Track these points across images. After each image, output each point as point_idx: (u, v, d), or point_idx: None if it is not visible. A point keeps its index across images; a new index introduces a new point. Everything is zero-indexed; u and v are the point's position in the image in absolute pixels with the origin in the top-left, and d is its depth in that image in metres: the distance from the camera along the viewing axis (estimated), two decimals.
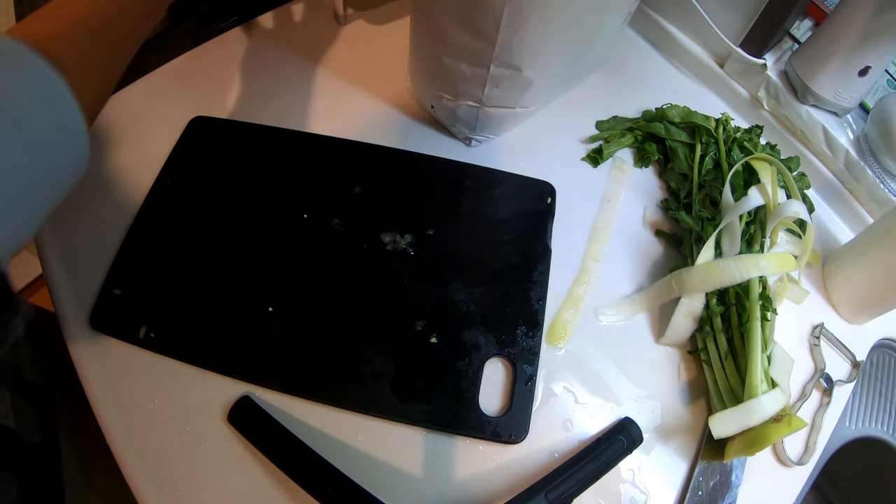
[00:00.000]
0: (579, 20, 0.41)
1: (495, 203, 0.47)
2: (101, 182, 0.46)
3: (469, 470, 0.37)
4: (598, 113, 0.54)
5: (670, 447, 0.40)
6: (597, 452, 0.36)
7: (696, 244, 0.44)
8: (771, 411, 0.35)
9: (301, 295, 0.42)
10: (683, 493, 0.38)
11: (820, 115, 0.50)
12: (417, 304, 0.42)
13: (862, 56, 0.46)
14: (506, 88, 0.44)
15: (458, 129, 0.50)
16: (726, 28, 0.53)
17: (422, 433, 0.38)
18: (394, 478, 0.37)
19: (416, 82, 0.51)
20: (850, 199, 0.51)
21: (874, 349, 0.47)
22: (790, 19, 0.50)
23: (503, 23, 0.38)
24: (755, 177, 0.45)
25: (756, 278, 0.39)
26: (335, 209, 0.45)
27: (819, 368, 0.44)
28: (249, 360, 0.39)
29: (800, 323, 0.45)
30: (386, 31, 0.58)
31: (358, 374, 0.39)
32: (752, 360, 0.37)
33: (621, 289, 0.45)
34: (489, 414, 0.38)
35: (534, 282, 0.43)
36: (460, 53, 0.42)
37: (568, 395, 0.40)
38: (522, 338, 0.41)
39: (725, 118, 0.50)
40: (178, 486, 0.35)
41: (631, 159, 0.52)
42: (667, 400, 0.41)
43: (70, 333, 0.40)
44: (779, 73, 0.52)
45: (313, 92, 0.52)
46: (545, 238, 0.46)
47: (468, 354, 0.40)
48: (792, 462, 0.40)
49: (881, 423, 0.46)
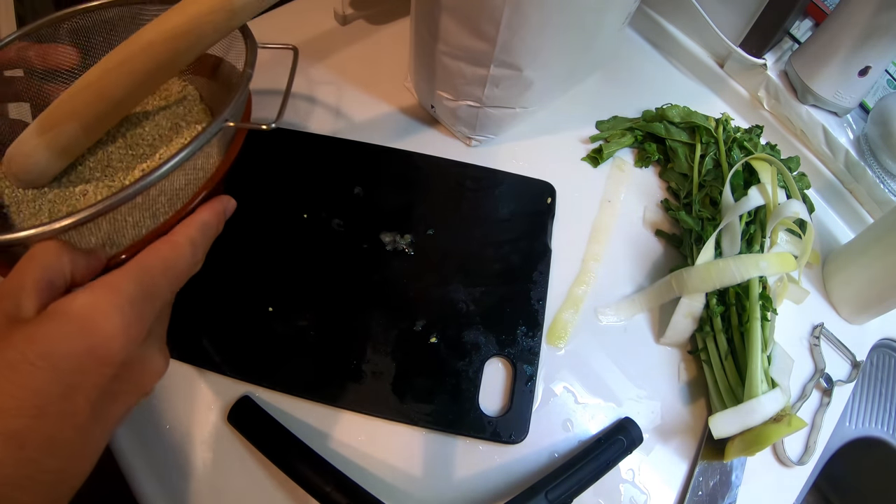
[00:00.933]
0: (579, 20, 0.41)
1: (495, 203, 0.47)
2: None
3: (469, 470, 0.37)
4: (598, 113, 0.54)
5: (670, 447, 0.40)
6: (597, 452, 0.36)
7: (696, 244, 0.44)
8: (771, 411, 0.35)
9: (301, 295, 0.42)
10: (683, 493, 0.38)
11: (820, 115, 0.50)
12: (417, 304, 0.42)
13: (862, 56, 0.46)
14: (506, 88, 0.44)
15: (459, 129, 0.50)
16: (726, 28, 0.53)
17: (422, 433, 0.38)
18: (394, 478, 0.37)
19: (417, 82, 0.51)
20: (850, 199, 0.51)
21: (874, 349, 0.47)
22: (790, 19, 0.50)
23: (503, 23, 0.38)
24: (755, 177, 0.45)
25: (756, 278, 0.39)
26: (335, 209, 0.45)
27: (819, 368, 0.44)
28: (249, 360, 0.39)
29: (800, 323, 0.45)
30: (386, 31, 0.58)
31: (358, 374, 0.39)
32: (752, 360, 0.37)
33: (621, 289, 0.45)
34: (489, 414, 0.38)
35: (534, 282, 0.43)
36: (461, 53, 0.42)
37: (568, 395, 0.40)
38: (522, 338, 0.41)
39: (725, 118, 0.50)
40: (177, 486, 0.35)
41: (631, 159, 0.52)
42: (667, 400, 0.41)
43: None
44: (779, 73, 0.52)
45: (313, 92, 0.52)
46: (545, 238, 0.46)
47: (468, 354, 0.40)
48: (792, 462, 0.40)
49: (881, 423, 0.46)
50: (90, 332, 0.22)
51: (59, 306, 0.22)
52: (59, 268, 0.24)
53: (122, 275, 0.24)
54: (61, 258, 0.24)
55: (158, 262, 0.25)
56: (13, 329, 0.21)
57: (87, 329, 0.22)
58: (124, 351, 0.23)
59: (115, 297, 0.23)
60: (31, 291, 0.23)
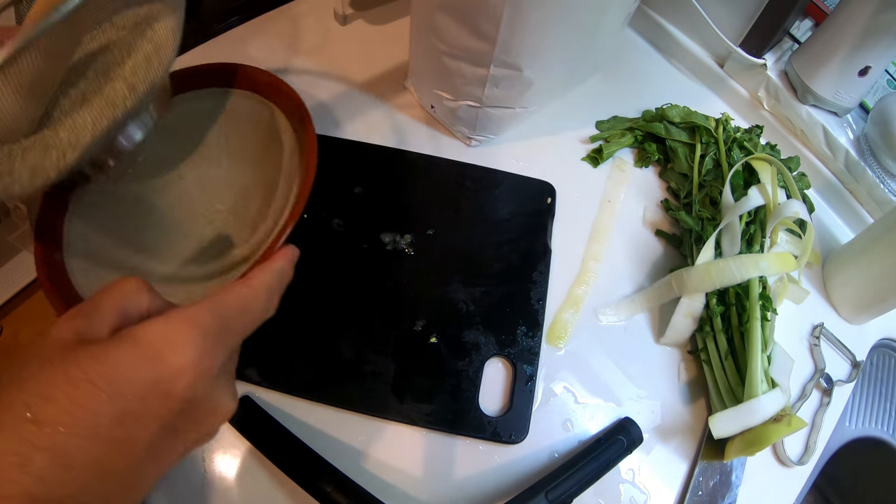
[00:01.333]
0: (580, 20, 0.41)
1: (495, 203, 0.47)
2: None
3: (469, 470, 0.37)
4: (598, 113, 0.54)
5: (670, 447, 0.40)
6: (597, 452, 0.36)
7: (696, 244, 0.44)
8: (771, 411, 0.35)
9: (301, 295, 0.41)
10: (683, 493, 0.38)
11: (820, 115, 0.50)
12: (417, 304, 0.42)
13: (862, 56, 0.46)
14: (506, 89, 0.44)
15: (458, 129, 0.50)
16: (726, 28, 0.53)
17: (422, 433, 0.38)
18: (394, 478, 0.37)
19: (417, 82, 0.51)
20: (850, 199, 0.51)
21: (874, 349, 0.47)
22: (790, 19, 0.50)
23: (503, 23, 0.38)
24: (755, 177, 0.45)
25: (756, 278, 0.39)
26: (335, 209, 0.45)
27: (819, 368, 0.44)
28: (250, 361, 0.39)
29: (800, 323, 0.45)
30: (386, 31, 0.58)
31: (358, 374, 0.39)
32: (752, 360, 0.37)
33: (621, 289, 0.45)
34: (489, 414, 0.38)
35: (534, 282, 0.43)
36: (460, 53, 0.42)
37: (568, 395, 0.40)
38: (522, 338, 0.41)
39: (725, 118, 0.50)
40: (177, 486, 0.35)
41: (631, 159, 0.52)
42: (667, 400, 0.41)
43: None
44: (779, 73, 0.52)
45: (314, 92, 0.52)
46: (545, 238, 0.46)
47: (468, 354, 0.40)
48: (792, 462, 0.40)
49: (881, 424, 0.46)
50: (159, 362, 0.21)
51: (131, 331, 0.21)
52: (138, 300, 0.24)
53: (199, 308, 0.23)
54: (142, 293, 0.24)
55: (236, 303, 0.25)
56: (82, 347, 0.21)
57: (156, 358, 0.21)
58: (192, 387, 0.21)
59: (189, 329, 0.22)
60: (106, 314, 0.23)
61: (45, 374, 0.20)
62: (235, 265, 0.36)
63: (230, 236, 0.38)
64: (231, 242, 0.38)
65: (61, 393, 0.19)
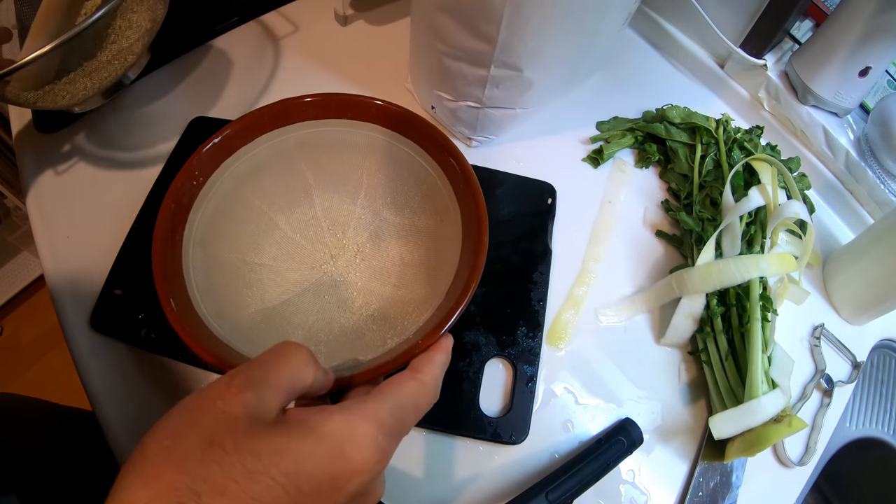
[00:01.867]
0: (580, 21, 0.41)
1: (496, 204, 0.47)
2: (101, 183, 0.46)
3: (469, 470, 0.37)
4: (599, 113, 0.54)
5: (671, 448, 0.40)
6: (597, 453, 0.36)
7: (696, 245, 0.44)
8: (771, 412, 0.35)
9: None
10: (684, 493, 0.38)
11: (820, 115, 0.50)
12: None
13: (862, 56, 0.46)
14: (506, 89, 0.44)
15: (459, 129, 0.50)
16: (726, 28, 0.53)
17: (422, 433, 0.38)
18: (394, 478, 0.37)
19: (417, 83, 0.51)
20: (850, 200, 0.51)
21: (875, 350, 0.47)
22: (790, 20, 0.50)
23: (504, 23, 0.38)
24: (756, 177, 0.45)
25: (756, 279, 0.39)
26: None
27: (819, 369, 0.44)
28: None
29: (800, 323, 0.45)
30: (386, 32, 0.58)
31: None
32: (753, 361, 0.37)
33: (622, 289, 0.45)
34: (489, 414, 0.38)
35: (534, 282, 0.43)
36: (461, 54, 0.42)
37: (568, 395, 0.40)
38: (523, 338, 0.41)
39: (726, 119, 0.50)
40: None
41: (631, 160, 0.52)
42: (667, 401, 0.41)
43: (70, 334, 0.40)
44: (779, 73, 0.52)
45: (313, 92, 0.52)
46: (545, 238, 0.46)
47: (468, 355, 0.40)
48: (792, 463, 0.40)
49: (882, 424, 0.46)
50: (341, 460, 0.20)
51: (311, 422, 0.21)
52: (304, 376, 0.23)
53: (379, 405, 0.23)
54: (309, 367, 0.23)
55: (410, 401, 0.25)
56: (257, 432, 0.20)
57: (340, 456, 0.21)
58: (364, 484, 0.21)
59: (372, 427, 0.22)
60: (276, 391, 0.22)
61: (214, 458, 0.19)
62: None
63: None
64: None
65: (238, 487, 0.19)
